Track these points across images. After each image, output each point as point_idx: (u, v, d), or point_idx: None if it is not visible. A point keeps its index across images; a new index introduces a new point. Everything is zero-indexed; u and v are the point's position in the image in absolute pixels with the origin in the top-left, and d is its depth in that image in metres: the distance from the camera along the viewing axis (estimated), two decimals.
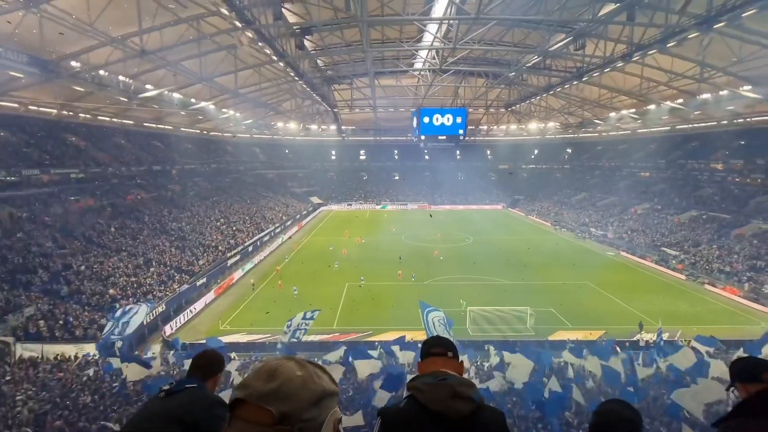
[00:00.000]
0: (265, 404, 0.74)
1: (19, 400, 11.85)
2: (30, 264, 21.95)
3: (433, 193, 74.19)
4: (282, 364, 0.81)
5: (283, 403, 0.75)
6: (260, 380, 0.78)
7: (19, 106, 29.70)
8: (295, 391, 0.77)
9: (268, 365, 0.81)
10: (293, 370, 0.79)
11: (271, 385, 0.76)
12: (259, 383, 0.77)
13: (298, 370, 0.80)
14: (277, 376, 0.77)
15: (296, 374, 0.79)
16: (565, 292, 27.86)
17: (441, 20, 26.58)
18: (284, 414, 0.74)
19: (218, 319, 23.76)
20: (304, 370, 0.81)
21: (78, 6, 19.10)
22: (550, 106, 52.27)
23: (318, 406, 0.78)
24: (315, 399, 0.78)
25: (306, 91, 39.80)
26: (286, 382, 0.77)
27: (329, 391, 0.81)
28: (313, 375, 0.81)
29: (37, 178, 29.96)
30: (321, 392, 0.79)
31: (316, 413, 0.77)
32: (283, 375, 0.78)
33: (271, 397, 0.75)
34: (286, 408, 0.74)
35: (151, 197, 40.12)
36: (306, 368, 0.82)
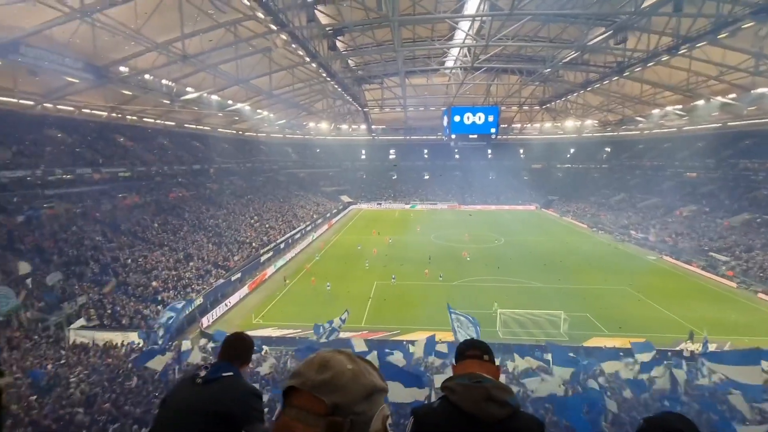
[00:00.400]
0: (318, 394, 0.76)
1: (72, 382, 12.79)
2: (82, 256, 23.60)
3: (463, 192, 73.19)
4: (333, 356, 0.83)
5: (335, 394, 0.77)
6: (313, 370, 0.80)
7: (74, 109, 31.97)
8: (347, 384, 0.78)
9: (320, 356, 0.83)
10: (344, 363, 0.81)
11: (324, 376, 0.78)
12: (312, 373, 0.79)
13: (349, 364, 0.82)
14: (329, 368, 0.79)
15: (347, 368, 0.81)
16: (601, 296, 26.73)
17: (473, 17, 26.18)
18: (336, 405, 0.76)
19: (251, 313, 24.58)
20: (355, 364, 0.83)
21: (127, 14, 20.28)
22: (587, 103, 50.24)
23: (368, 400, 0.79)
24: (365, 393, 0.79)
25: (337, 92, 40.34)
26: (338, 374, 0.79)
27: (379, 387, 0.82)
28: (364, 370, 0.82)
29: (89, 176, 32.11)
30: (371, 387, 0.81)
31: (366, 407, 0.79)
32: (335, 367, 0.80)
33: (323, 388, 0.77)
34: (338, 399, 0.76)
35: (191, 195, 42.05)
36: (357, 363, 0.83)
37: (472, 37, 28.85)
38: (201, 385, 1.73)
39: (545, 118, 61.35)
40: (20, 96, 26.88)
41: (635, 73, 32.14)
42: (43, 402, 11.41)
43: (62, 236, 24.62)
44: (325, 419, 0.75)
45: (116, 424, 10.52)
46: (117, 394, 11.95)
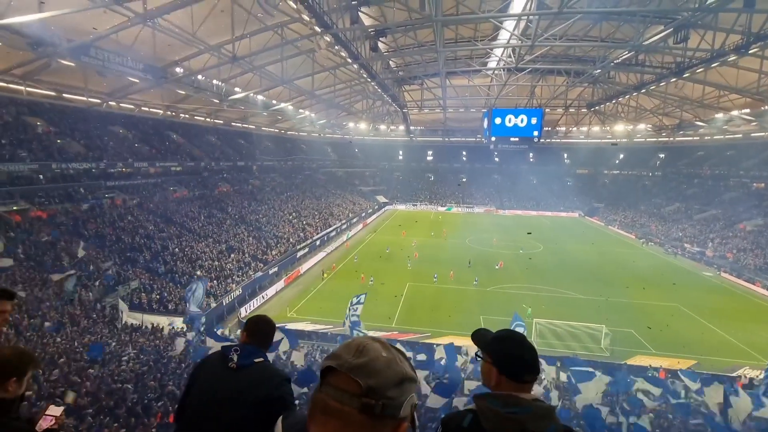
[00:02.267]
0: (354, 376, 0.81)
1: (123, 360, 13.80)
2: (137, 244, 25.38)
3: (501, 196, 71.38)
4: (369, 343, 0.87)
5: (371, 377, 0.81)
6: (350, 354, 0.85)
7: (134, 107, 34.52)
8: (381, 369, 0.82)
9: (357, 341, 0.88)
10: (379, 350, 0.86)
11: (361, 359, 0.83)
12: (350, 356, 0.84)
13: (384, 351, 0.86)
14: (366, 353, 0.84)
15: (382, 354, 0.85)
16: (649, 313, 25.09)
17: (519, 16, 25.45)
18: (371, 388, 0.80)
19: (286, 306, 25.33)
20: (389, 352, 0.87)
21: (184, 18, 21.59)
22: (640, 106, 47.29)
23: (400, 387, 0.83)
24: (398, 380, 0.83)
25: (377, 92, 40.68)
26: (373, 359, 0.83)
27: (409, 376, 0.86)
28: (397, 358, 0.87)
29: (146, 169, 34.50)
30: (403, 375, 0.84)
31: (397, 393, 0.82)
32: (371, 353, 0.84)
33: (360, 371, 0.81)
34: (372, 383, 0.80)
35: (235, 190, 44.02)
36: (390, 351, 0.87)
37: (517, 37, 28.07)
38: (235, 371, 1.75)
39: (593, 121, 58.48)
40: (89, 94, 29.39)
41: (697, 74, 29.92)
42: (98, 375, 12.40)
43: (120, 224, 26.61)
44: (360, 400, 0.79)
45: (160, 402, 11.25)
46: (162, 373, 12.75)
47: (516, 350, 1.43)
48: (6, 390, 1.73)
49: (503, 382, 1.39)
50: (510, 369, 1.40)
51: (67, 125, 29.95)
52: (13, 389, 1.75)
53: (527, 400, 1.29)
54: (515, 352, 1.43)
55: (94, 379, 12.11)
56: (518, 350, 1.43)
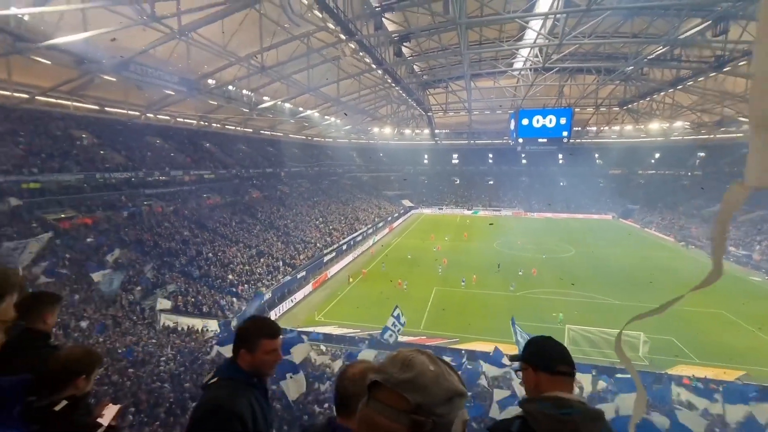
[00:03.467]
0: (401, 392, 0.77)
1: (162, 360, 14.42)
2: (173, 249, 26.51)
3: (529, 198, 69.70)
4: (416, 356, 0.83)
5: (419, 394, 0.77)
6: (396, 367, 0.81)
7: (170, 118, 36.22)
8: (429, 384, 0.78)
9: (403, 355, 0.84)
10: (426, 364, 0.81)
11: (407, 374, 0.79)
12: (395, 371, 0.80)
13: (431, 365, 0.81)
14: (412, 367, 0.80)
15: (429, 369, 0.80)
16: (691, 320, 23.75)
17: (546, 15, 24.95)
18: (419, 404, 0.76)
19: (314, 310, 25.70)
20: (437, 366, 0.82)
21: (215, 32, 22.54)
22: (677, 103, 45.06)
23: (449, 403, 0.79)
24: (447, 396, 0.79)
25: (402, 97, 40.85)
26: (421, 374, 0.79)
27: (459, 391, 0.82)
28: (445, 372, 0.82)
29: (181, 178, 36.06)
30: (453, 390, 0.80)
31: (447, 410, 0.78)
32: (418, 367, 0.80)
33: (407, 386, 0.77)
34: (420, 399, 0.76)
35: (264, 196, 45.23)
36: (438, 364, 0.83)
37: (544, 36, 27.51)
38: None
39: (626, 119, 56.28)
40: (129, 107, 31.12)
41: (739, 67, 28.25)
42: (138, 375, 13.02)
43: (157, 230, 27.88)
44: (409, 417, 0.76)
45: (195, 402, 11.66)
46: (197, 374, 13.23)
47: (541, 343, 1.57)
48: (76, 387, 1.85)
49: (541, 379, 1.44)
50: (541, 361, 1.48)
51: (109, 137, 31.77)
52: (82, 386, 1.88)
53: (576, 401, 1.28)
54: (541, 344, 1.57)
55: (134, 378, 12.73)
56: (543, 343, 1.57)
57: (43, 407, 1.70)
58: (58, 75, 23.86)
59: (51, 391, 1.78)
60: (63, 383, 1.82)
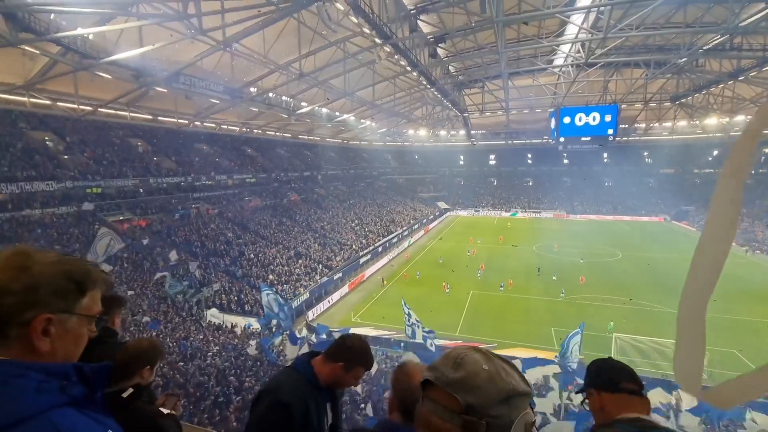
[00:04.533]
0: (452, 391, 0.75)
1: (208, 355, 15.19)
2: (218, 249, 27.87)
3: (572, 200, 66.80)
4: (468, 354, 0.80)
5: (470, 394, 0.75)
6: (447, 366, 0.79)
7: (215, 125, 38.15)
8: (482, 384, 0.75)
9: (456, 353, 0.82)
10: (479, 362, 0.78)
11: (458, 374, 0.77)
12: (447, 369, 0.78)
13: (485, 364, 0.78)
14: (463, 366, 0.78)
15: (482, 367, 0.77)
16: (756, 331, 21.75)
17: (589, 8, 23.88)
18: (471, 405, 0.74)
19: (351, 311, 26.03)
20: (491, 364, 0.79)
21: (257, 42, 23.52)
22: (738, 96, 41.52)
23: (507, 404, 0.75)
24: (503, 396, 0.75)
25: (437, 98, 40.58)
26: (472, 374, 0.76)
27: (519, 390, 0.77)
28: (501, 371, 0.78)
29: (225, 182, 37.90)
30: (509, 390, 0.76)
31: (505, 411, 0.75)
32: (469, 366, 0.78)
33: (457, 386, 0.75)
34: (472, 399, 0.74)
35: (302, 199, 46.52)
36: (493, 362, 0.79)
37: (586, 30, 26.30)
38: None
39: (679, 115, 52.60)
40: (178, 116, 33.12)
41: None
42: (187, 369, 13.79)
43: (204, 232, 29.45)
44: (461, 417, 0.74)
45: (239, 396, 12.18)
46: (240, 369, 13.81)
47: (599, 363, 1.53)
48: (141, 376, 2.02)
49: (605, 400, 1.38)
50: (601, 380, 1.44)
51: (162, 144, 34.00)
52: (146, 376, 2.05)
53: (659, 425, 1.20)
54: (599, 364, 1.53)
55: (183, 372, 13.50)
56: (601, 363, 1.53)
57: (112, 394, 1.83)
58: (118, 88, 25.82)
59: (120, 379, 1.93)
60: (131, 372, 1.98)
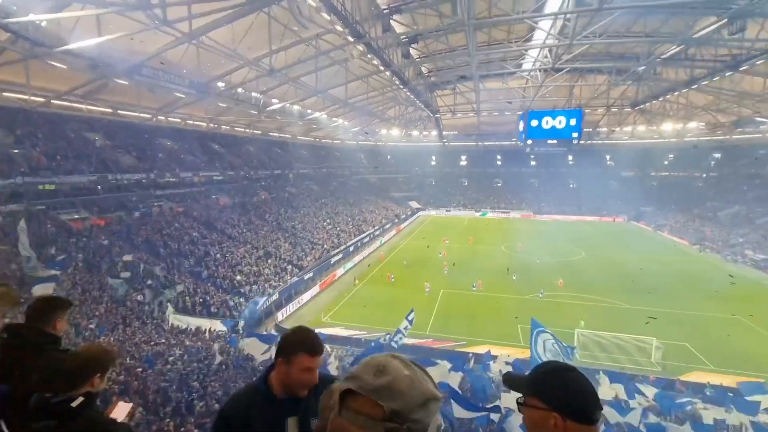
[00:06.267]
0: (376, 399, 0.74)
1: (170, 360, 14.52)
2: (182, 250, 26.78)
3: (539, 201, 69.03)
4: (390, 361, 0.80)
5: (394, 400, 0.74)
6: (370, 374, 0.78)
7: (180, 120, 36.65)
8: (404, 390, 0.76)
9: (377, 360, 0.81)
10: (401, 369, 0.79)
11: (382, 380, 0.76)
12: (370, 377, 0.77)
13: (406, 370, 0.79)
14: (387, 373, 0.77)
15: (404, 373, 0.78)
16: (706, 325, 23.21)
17: (556, 15, 24.66)
18: (394, 411, 0.73)
19: (321, 311, 25.71)
20: (411, 370, 0.80)
21: (225, 35, 22.75)
22: (691, 103, 44.19)
23: (425, 408, 0.76)
24: (422, 400, 0.76)
25: (410, 98, 40.74)
26: (396, 379, 0.76)
27: (434, 395, 0.79)
28: (420, 377, 0.80)
29: (190, 179, 36.48)
30: (428, 395, 0.78)
31: (423, 415, 0.76)
32: (392, 372, 0.77)
33: (381, 393, 0.75)
34: (396, 405, 0.74)
35: (272, 198, 45.53)
36: (413, 369, 0.81)
37: (553, 36, 27.18)
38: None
39: (638, 120, 55.38)
40: (141, 110, 31.57)
41: (756, 66, 27.57)
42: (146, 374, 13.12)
43: (167, 231, 28.21)
44: (384, 425, 0.73)
45: (202, 402, 11.70)
46: (204, 374, 13.29)
47: (572, 381, 1.12)
48: (92, 384, 1.86)
49: (572, 429, 1.07)
50: (581, 409, 1.09)
51: (122, 139, 32.28)
52: (97, 384, 1.89)
53: None
54: (580, 385, 1.12)
55: (142, 378, 12.83)
56: (582, 382, 1.13)
57: (61, 403, 1.73)
58: (74, 79, 24.31)
59: (69, 388, 1.80)
60: (81, 380, 1.84)
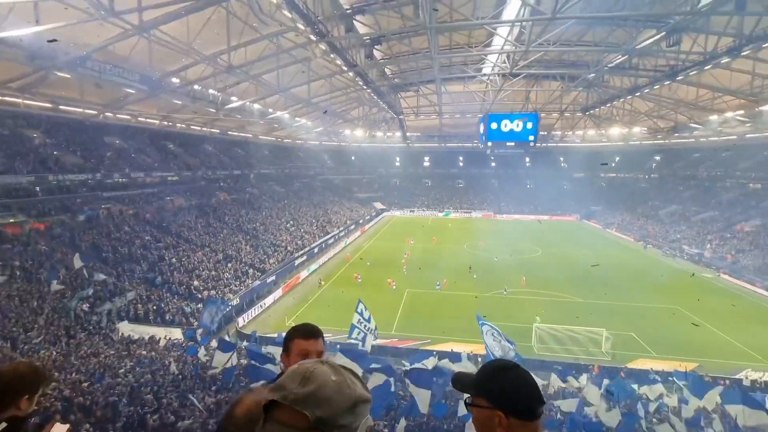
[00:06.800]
0: (301, 408, 0.73)
1: (120, 372, 13.61)
2: (133, 255, 25.23)
3: (499, 201, 71.48)
4: (317, 367, 0.80)
5: (319, 407, 0.74)
6: (295, 383, 0.77)
7: (130, 117, 34.50)
8: (331, 396, 0.76)
9: (303, 367, 0.81)
10: (328, 374, 0.79)
11: (307, 388, 0.76)
12: (295, 386, 0.77)
13: (333, 375, 0.79)
14: (313, 380, 0.77)
15: (331, 379, 0.78)
16: (649, 316, 25.01)
17: (513, 23, 25.67)
18: (320, 419, 0.73)
19: (285, 315, 25.12)
20: (339, 375, 0.80)
21: (179, 29, 21.70)
22: (635, 110, 47.64)
23: (353, 412, 0.77)
24: (350, 405, 0.77)
25: (373, 99, 40.88)
26: (322, 386, 0.76)
27: (363, 397, 0.80)
28: (348, 381, 0.80)
29: (142, 180, 34.45)
30: (356, 398, 0.78)
31: (351, 419, 0.76)
32: (319, 379, 0.77)
33: (307, 401, 0.74)
34: (321, 413, 0.73)
35: (232, 199, 43.96)
36: (341, 373, 0.81)
37: (511, 42, 28.29)
38: None
39: (588, 125, 58.86)
40: (85, 106, 29.39)
41: (691, 76, 30.13)
42: (94, 389, 12.21)
43: (116, 235, 26.46)
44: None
45: (156, 414, 11.05)
46: (158, 386, 12.57)
47: (512, 379, 1.17)
48: (18, 407, 1.65)
49: (515, 426, 1.12)
50: (521, 408, 1.13)
51: (64, 137, 29.92)
52: (25, 407, 1.67)
53: None
54: (521, 382, 1.16)
55: (89, 393, 11.93)
56: (524, 379, 1.17)
57: None
58: (8, 71, 22.22)
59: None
60: (5, 403, 1.63)
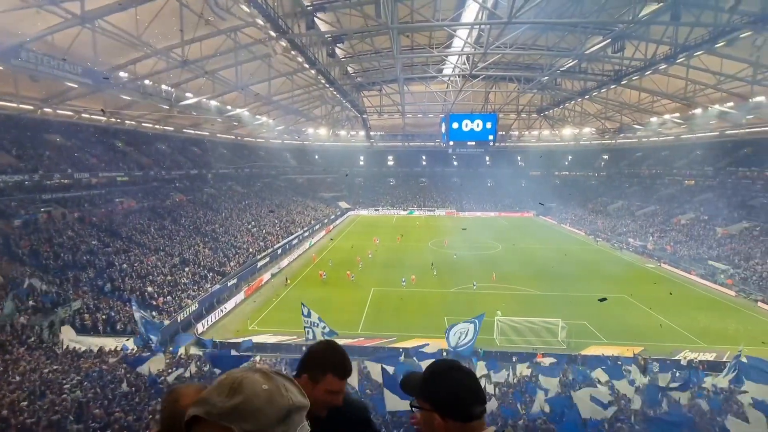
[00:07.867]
0: (226, 422, 0.68)
1: (66, 388, 12.61)
2: (78, 261, 23.44)
3: (461, 199, 73.28)
4: (247, 376, 0.75)
5: (246, 420, 0.69)
6: (222, 395, 0.72)
7: (73, 113, 31.97)
8: (261, 407, 0.71)
9: (232, 378, 0.75)
10: (258, 383, 0.74)
11: (234, 400, 0.70)
12: (221, 399, 0.71)
13: (265, 383, 0.74)
14: (241, 391, 0.72)
15: (262, 388, 0.73)
16: (599, 305, 26.61)
17: (471, 25, 26.38)
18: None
19: (247, 319, 24.38)
20: (271, 382, 0.75)
21: (127, 21, 20.37)
22: (585, 111, 50.53)
23: (285, 422, 0.72)
24: (282, 415, 0.72)
25: (336, 98, 40.53)
26: (250, 397, 0.71)
27: (298, 404, 0.75)
28: (281, 388, 0.75)
29: (87, 180, 32.07)
30: (289, 407, 0.73)
31: (283, 429, 0.72)
32: (247, 389, 0.72)
33: (233, 415, 0.69)
34: (249, 426, 0.69)
35: (188, 200, 41.96)
36: (273, 381, 0.76)
37: (470, 45, 29.04)
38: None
39: (543, 125, 61.70)
40: (20, 100, 26.88)
41: (633, 81, 32.41)
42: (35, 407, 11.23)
43: (58, 240, 24.48)
44: None
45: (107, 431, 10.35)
46: (109, 400, 11.79)
47: (450, 383, 1.17)
48: None
49: (452, 428, 1.13)
50: (456, 409, 1.14)
51: None
52: None
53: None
54: (450, 384, 1.17)
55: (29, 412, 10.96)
56: (452, 382, 1.17)
57: None
58: None
59: None
60: None
